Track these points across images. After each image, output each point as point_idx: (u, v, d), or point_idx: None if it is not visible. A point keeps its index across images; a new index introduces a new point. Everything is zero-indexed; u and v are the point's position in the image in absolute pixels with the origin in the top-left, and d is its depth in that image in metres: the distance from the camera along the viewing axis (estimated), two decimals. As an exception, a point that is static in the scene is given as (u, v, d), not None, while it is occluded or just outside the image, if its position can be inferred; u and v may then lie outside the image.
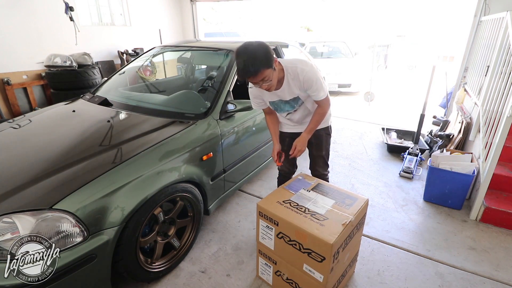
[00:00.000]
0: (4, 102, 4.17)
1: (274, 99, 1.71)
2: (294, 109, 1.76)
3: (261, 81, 1.43)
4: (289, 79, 1.58)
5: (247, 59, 1.36)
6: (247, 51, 1.38)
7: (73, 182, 1.36)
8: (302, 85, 1.58)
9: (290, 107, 1.73)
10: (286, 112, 1.79)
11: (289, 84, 1.59)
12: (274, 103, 1.74)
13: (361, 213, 1.51)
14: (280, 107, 1.75)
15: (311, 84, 1.56)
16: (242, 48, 1.40)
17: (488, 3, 3.58)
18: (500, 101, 2.31)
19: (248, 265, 1.85)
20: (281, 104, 1.73)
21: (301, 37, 12.85)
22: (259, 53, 1.37)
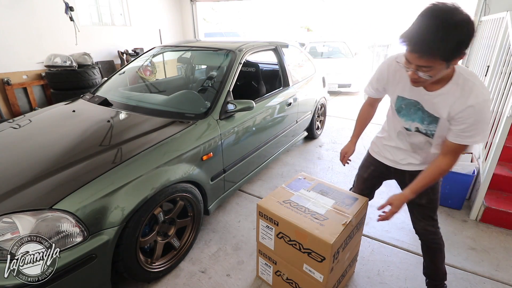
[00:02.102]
0: (4, 102, 4.17)
1: (409, 97, 1.21)
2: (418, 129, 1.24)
3: (418, 67, 0.97)
4: (452, 89, 1.07)
5: (432, 28, 0.89)
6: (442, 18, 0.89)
7: (73, 182, 1.36)
8: (462, 110, 1.05)
9: (420, 120, 1.21)
10: (409, 123, 1.26)
11: (447, 96, 1.08)
12: (405, 101, 1.23)
13: (361, 213, 1.51)
14: (407, 111, 1.24)
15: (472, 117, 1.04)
16: (442, 8, 0.90)
17: (488, 3, 3.58)
18: (500, 101, 2.31)
19: (248, 265, 1.85)
20: (412, 108, 1.22)
21: (301, 37, 12.85)
22: (453, 34, 0.88)
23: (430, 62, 0.94)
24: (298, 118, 3.18)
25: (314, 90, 3.52)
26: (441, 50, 0.90)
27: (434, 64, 0.94)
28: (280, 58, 2.94)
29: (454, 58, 0.94)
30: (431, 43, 0.90)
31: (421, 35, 0.91)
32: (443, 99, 1.10)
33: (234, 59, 2.29)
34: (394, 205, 1.25)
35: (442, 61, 0.93)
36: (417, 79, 1.03)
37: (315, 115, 3.66)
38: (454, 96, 1.07)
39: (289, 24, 17.97)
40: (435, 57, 0.92)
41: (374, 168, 1.52)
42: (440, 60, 0.93)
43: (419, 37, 0.92)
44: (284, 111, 2.83)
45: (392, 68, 1.24)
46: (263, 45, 2.75)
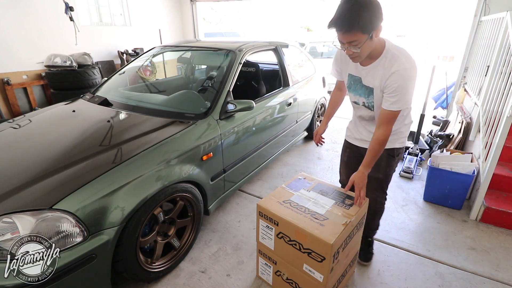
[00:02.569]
0: (4, 102, 4.17)
1: (355, 74, 1.46)
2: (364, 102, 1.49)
3: (347, 43, 1.22)
4: (381, 62, 1.32)
5: (347, 10, 1.14)
6: (353, 2, 1.14)
7: (73, 182, 1.36)
8: (387, 78, 1.29)
9: (364, 94, 1.46)
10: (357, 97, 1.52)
11: (378, 67, 1.33)
12: (353, 78, 1.49)
13: (361, 213, 1.51)
14: (355, 87, 1.49)
15: (395, 82, 1.26)
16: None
17: (488, 3, 3.58)
18: (500, 101, 2.31)
19: (248, 265, 1.85)
20: (358, 83, 1.46)
21: (301, 37, 12.85)
22: (364, 12, 1.13)
23: (354, 36, 1.18)
24: (298, 118, 3.18)
25: (314, 90, 3.52)
26: (359, 25, 1.15)
27: (358, 38, 1.18)
28: (280, 58, 2.94)
29: (372, 30, 1.18)
30: (349, 21, 1.15)
31: (341, 17, 1.16)
32: (374, 72, 1.35)
33: (234, 59, 2.29)
34: (357, 183, 1.46)
35: (363, 34, 1.18)
36: (352, 54, 1.27)
37: (315, 115, 3.66)
38: (383, 68, 1.31)
39: (289, 24, 17.97)
40: (356, 31, 1.16)
41: (350, 150, 1.75)
42: (361, 33, 1.17)
43: (340, 19, 1.17)
44: (284, 111, 2.83)
45: (342, 53, 1.45)
46: (263, 45, 2.75)
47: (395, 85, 1.27)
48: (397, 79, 1.26)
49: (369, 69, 1.37)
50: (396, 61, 1.27)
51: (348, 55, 1.29)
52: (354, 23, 1.14)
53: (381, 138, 1.37)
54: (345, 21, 1.16)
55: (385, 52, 1.31)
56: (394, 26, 15.96)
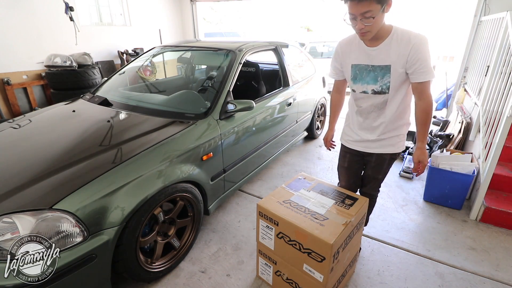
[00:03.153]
0: (4, 102, 4.17)
1: (360, 62, 1.44)
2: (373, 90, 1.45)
3: (361, 15, 1.21)
4: (393, 39, 1.32)
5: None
6: None
7: (73, 182, 1.36)
8: (408, 53, 1.30)
9: (373, 79, 1.42)
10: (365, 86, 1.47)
11: (391, 44, 1.33)
12: (358, 67, 1.46)
13: (361, 213, 1.51)
14: (361, 76, 1.46)
15: (420, 53, 1.28)
16: None
17: (488, 3, 3.58)
18: (500, 101, 2.31)
19: (248, 265, 1.85)
20: (364, 71, 1.44)
21: (301, 37, 12.85)
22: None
23: (368, 6, 1.18)
24: (298, 118, 3.18)
25: (314, 90, 3.52)
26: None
27: (372, 7, 1.18)
28: (280, 58, 2.94)
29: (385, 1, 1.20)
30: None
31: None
32: (386, 49, 1.35)
33: (234, 59, 2.29)
34: (422, 160, 1.46)
35: (377, 4, 1.18)
36: (363, 28, 1.25)
37: (315, 115, 3.66)
38: (397, 43, 1.32)
39: (289, 24, 17.97)
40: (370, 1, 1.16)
41: (350, 155, 1.72)
42: (376, 3, 1.18)
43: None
44: (284, 111, 2.83)
45: (343, 43, 1.51)
46: (263, 45, 2.75)
47: (420, 55, 1.29)
48: (420, 50, 1.28)
49: (381, 48, 1.36)
50: (409, 35, 1.30)
51: (359, 29, 1.27)
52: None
53: (427, 108, 1.39)
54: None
55: (394, 30, 1.33)
56: (394, 26, 15.94)
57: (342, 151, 1.78)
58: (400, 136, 1.56)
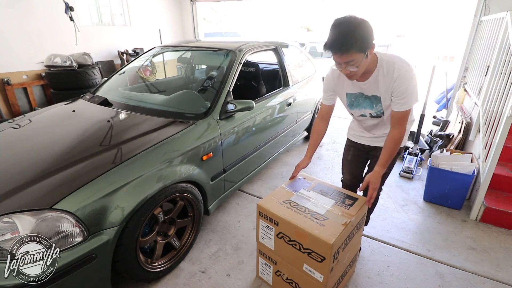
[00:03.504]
0: (4, 102, 4.17)
1: (354, 91, 1.51)
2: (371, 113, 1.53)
3: (345, 63, 1.26)
4: (379, 73, 1.37)
5: (342, 33, 1.18)
6: (345, 24, 1.19)
7: (73, 182, 1.36)
8: (392, 85, 1.35)
9: (370, 106, 1.50)
10: (362, 110, 1.54)
11: (378, 78, 1.38)
12: (353, 95, 1.52)
13: (361, 213, 1.51)
14: (358, 102, 1.53)
15: (402, 85, 1.32)
16: (343, 20, 1.21)
17: (488, 3, 3.58)
18: (500, 101, 2.31)
19: (248, 265, 1.85)
20: (360, 98, 1.51)
21: (301, 37, 12.85)
22: (358, 31, 1.18)
23: (350, 56, 1.22)
24: (298, 118, 3.18)
25: (314, 90, 3.52)
26: (354, 45, 1.19)
27: (355, 57, 1.22)
28: (280, 58, 2.94)
29: (366, 48, 1.22)
30: (345, 42, 1.19)
31: (337, 39, 1.20)
32: (376, 82, 1.40)
33: (234, 59, 2.29)
34: (372, 183, 1.47)
35: (359, 53, 1.21)
36: (349, 73, 1.31)
37: (315, 115, 3.66)
38: (383, 76, 1.36)
39: (289, 24, 17.97)
40: (352, 51, 1.20)
41: (354, 149, 1.76)
42: (358, 53, 1.21)
43: (336, 41, 1.21)
44: (284, 111, 2.83)
45: (335, 74, 1.54)
46: (263, 45, 2.75)
47: (402, 87, 1.33)
48: (402, 82, 1.32)
49: (370, 82, 1.42)
50: (394, 67, 1.33)
51: (345, 74, 1.34)
52: (351, 44, 1.18)
53: (397, 137, 1.44)
54: (341, 43, 1.20)
55: (380, 62, 1.37)
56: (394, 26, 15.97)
57: (347, 145, 1.85)
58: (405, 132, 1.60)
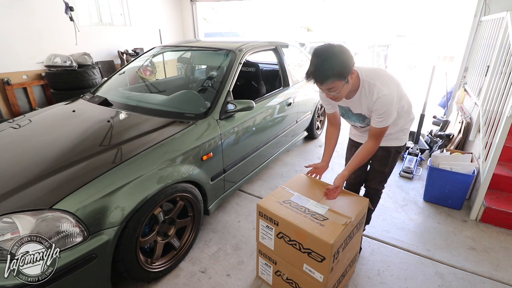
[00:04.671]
0: (4, 102, 4.17)
1: (343, 105, 1.58)
2: (361, 125, 1.62)
3: (327, 90, 1.32)
4: (362, 93, 1.42)
5: (321, 63, 1.23)
6: (324, 55, 1.23)
7: (73, 182, 1.36)
8: (372, 105, 1.40)
9: (358, 120, 1.58)
10: (352, 122, 1.65)
11: (361, 99, 1.44)
12: (343, 108, 1.60)
13: (361, 213, 1.51)
14: (347, 115, 1.62)
15: (381, 108, 1.37)
16: (321, 49, 1.26)
17: (488, 3, 3.58)
18: (500, 101, 2.31)
19: (248, 265, 1.85)
20: (349, 112, 1.59)
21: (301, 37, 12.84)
22: (336, 61, 1.23)
23: (331, 84, 1.27)
24: (298, 118, 3.18)
25: (314, 90, 3.52)
26: (333, 75, 1.23)
27: (334, 85, 1.28)
28: (280, 58, 2.94)
29: (346, 76, 1.26)
30: (324, 72, 1.23)
31: (316, 70, 1.25)
32: (359, 101, 1.46)
33: (234, 59, 2.29)
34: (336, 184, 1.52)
35: (339, 81, 1.26)
36: (333, 97, 1.37)
37: (315, 115, 3.66)
38: (365, 96, 1.41)
39: (289, 24, 17.97)
40: (331, 80, 1.25)
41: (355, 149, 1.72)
42: (337, 81, 1.26)
43: (315, 72, 1.25)
44: (284, 111, 2.83)
45: None
46: (263, 45, 2.75)
47: (380, 110, 1.38)
48: (381, 105, 1.37)
49: (354, 101, 1.48)
50: (374, 89, 1.37)
51: (329, 98, 1.40)
52: (329, 73, 1.23)
53: (371, 149, 1.49)
54: (320, 73, 1.24)
55: (362, 83, 1.41)
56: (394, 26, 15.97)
57: (349, 145, 1.88)
58: (404, 130, 1.65)
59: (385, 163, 1.71)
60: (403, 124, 1.61)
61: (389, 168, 1.72)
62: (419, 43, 15.27)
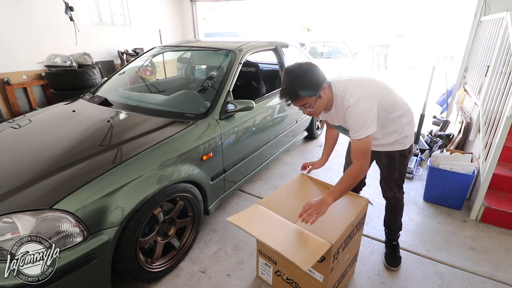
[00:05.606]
0: (4, 102, 4.17)
1: (324, 119, 1.61)
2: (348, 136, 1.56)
3: (301, 106, 1.34)
4: (336, 106, 1.43)
5: (290, 82, 1.27)
6: (292, 74, 1.27)
7: (73, 182, 1.36)
8: (344, 116, 1.40)
9: (343, 131, 1.58)
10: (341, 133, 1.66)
11: (336, 111, 1.45)
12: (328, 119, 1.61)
13: (361, 213, 1.51)
14: (335, 126, 1.62)
15: (348, 119, 1.36)
16: (290, 69, 1.30)
17: (488, 3, 3.58)
18: (500, 101, 2.31)
19: (248, 265, 1.85)
20: (334, 125, 1.61)
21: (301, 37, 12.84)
22: (304, 79, 1.26)
23: (303, 101, 1.30)
24: (298, 118, 3.18)
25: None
26: (304, 92, 1.26)
27: (307, 101, 1.30)
28: (280, 58, 2.94)
29: (316, 92, 1.29)
30: (294, 91, 1.27)
31: (286, 89, 1.28)
32: (336, 115, 1.47)
33: (234, 59, 2.29)
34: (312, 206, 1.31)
35: (310, 97, 1.29)
36: (309, 112, 1.39)
37: (315, 115, 3.65)
38: (340, 109, 1.42)
39: (289, 24, 17.96)
40: (303, 98, 1.28)
41: None
42: (308, 97, 1.29)
43: (286, 91, 1.29)
44: (284, 111, 2.83)
45: None
46: (263, 45, 2.75)
47: (350, 121, 1.36)
48: (350, 116, 1.35)
49: (332, 113, 1.49)
50: (343, 101, 1.37)
51: (306, 114, 1.42)
52: (299, 92, 1.26)
53: (358, 172, 1.34)
54: (290, 92, 1.27)
55: (335, 97, 1.41)
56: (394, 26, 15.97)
57: (349, 148, 1.85)
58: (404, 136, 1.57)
59: (393, 169, 1.67)
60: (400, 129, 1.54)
61: (398, 173, 1.68)
62: (419, 43, 15.26)
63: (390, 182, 1.72)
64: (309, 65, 1.30)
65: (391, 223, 1.89)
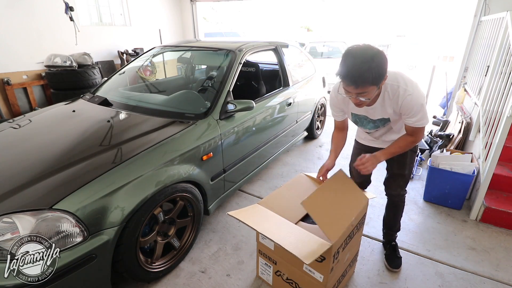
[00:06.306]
0: (4, 102, 4.17)
1: (360, 113, 1.52)
2: (376, 130, 1.58)
3: (357, 94, 1.23)
4: (385, 97, 1.35)
5: (357, 65, 1.14)
6: (361, 56, 1.14)
7: (73, 182, 1.36)
8: (398, 108, 1.35)
9: (374, 126, 1.55)
10: (367, 130, 1.62)
11: (384, 103, 1.38)
12: (358, 116, 1.55)
13: (361, 213, 1.51)
14: (361, 123, 1.58)
15: (410, 111, 1.32)
16: (359, 49, 1.17)
17: (488, 3, 3.58)
18: (500, 101, 2.31)
19: (248, 265, 1.85)
20: (364, 120, 1.54)
21: (301, 37, 12.84)
22: (374, 65, 1.14)
23: (364, 88, 1.20)
24: (298, 118, 3.18)
25: (314, 90, 3.52)
26: (369, 79, 1.16)
27: (368, 90, 1.21)
28: (280, 58, 2.94)
29: (380, 81, 1.20)
30: (361, 76, 1.15)
31: (352, 71, 1.16)
32: (382, 106, 1.40)
33: (234, 59, 2.29)
34: (370, 163, 1.46)
35: (373, 86, 1.20)
36: (359, 102, 1.30)
37: (315, 115, 3.66)
38: (389, 99, 1.36)
39: (289, 24, 17.97)
40: (366, 84, 1.18)
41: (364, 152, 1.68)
42: (371, 86, 1.19)
43: (351, 74, 1.17)
44: (284, 111, 2.83)
45: (340, 97, 1.49)
46: (263, 45, 2.75)
47: (412, 111, 1.33)
48: (410, 105, 1.31)
49: (377, 107, 1.42)
50: (399, 91, 1.32)
51: (354, 103, 1.33)
52: (367, 77, 1.15)
53: (412, 141, 1.45)
54: (356, 76, 1.15)
55: (384, 86, 1.34)
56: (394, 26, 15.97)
57: (356, 148, 1.81)
58: None
59: (404, 165, 1.66)
60: None
61: (408, 170, 1.68)
62: (419, 43, 15.26)
63: (399, 179, 1.71)
64: (378, 50, 1.18)
65: (392, 222, 1.90)
